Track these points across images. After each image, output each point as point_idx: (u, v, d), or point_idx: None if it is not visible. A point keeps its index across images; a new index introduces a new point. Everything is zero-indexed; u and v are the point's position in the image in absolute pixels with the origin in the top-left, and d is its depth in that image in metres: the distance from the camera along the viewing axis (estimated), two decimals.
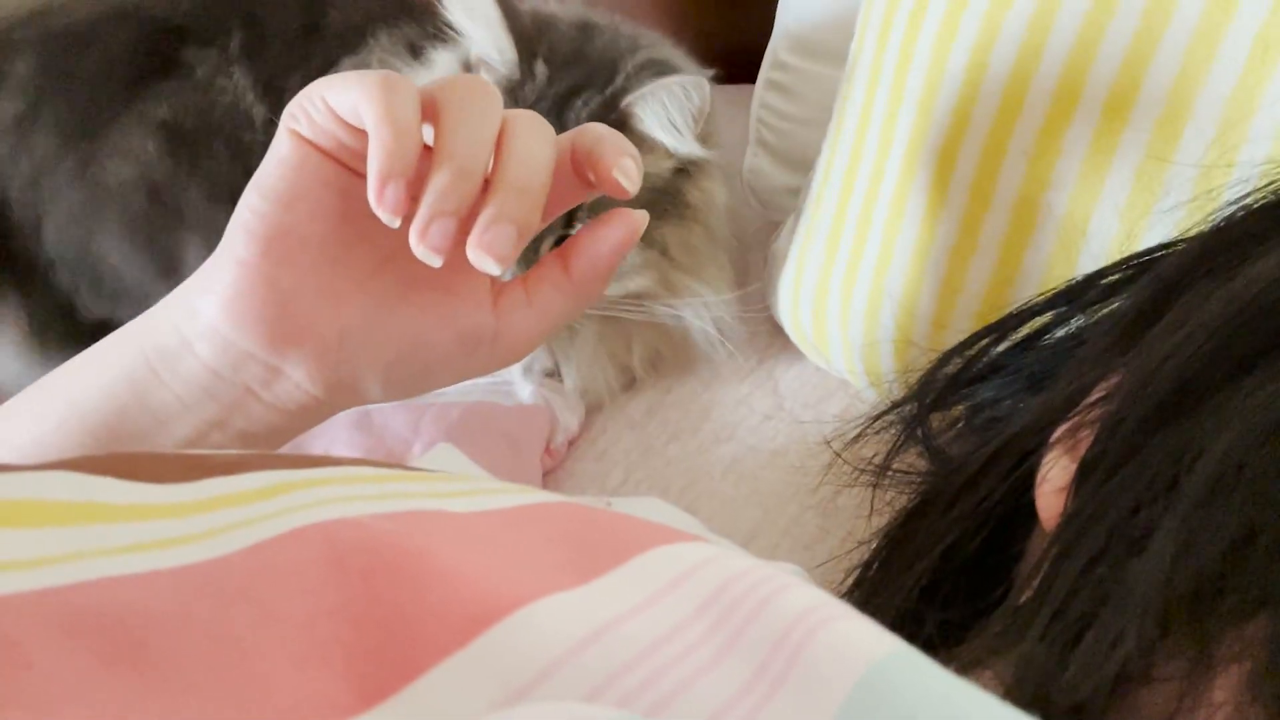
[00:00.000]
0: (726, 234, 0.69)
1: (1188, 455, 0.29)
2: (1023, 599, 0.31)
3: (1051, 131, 0.52)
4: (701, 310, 0.68)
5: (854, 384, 0.68)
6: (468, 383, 0.71)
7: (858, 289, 0.62)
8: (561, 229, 0.60)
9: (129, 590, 0.21)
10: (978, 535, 0.37)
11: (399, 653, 0.22)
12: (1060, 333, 0.46)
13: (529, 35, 0.62)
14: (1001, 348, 0.49)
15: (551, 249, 0.54)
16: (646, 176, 0.56)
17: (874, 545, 0.45)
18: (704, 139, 0.64)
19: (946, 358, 0.50)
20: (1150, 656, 0.27)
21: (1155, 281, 0.39)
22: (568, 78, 0.62)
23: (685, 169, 0.65)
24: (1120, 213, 0.50)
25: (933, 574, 0.37)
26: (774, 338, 0.77)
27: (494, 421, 0.65)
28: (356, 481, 0.28)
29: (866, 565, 0.45)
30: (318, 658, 0.21)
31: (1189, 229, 0.43)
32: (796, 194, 0.74)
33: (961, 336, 0.51)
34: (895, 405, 0.52)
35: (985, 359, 0.49)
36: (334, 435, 0.63)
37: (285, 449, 0.46)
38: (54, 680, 0.18)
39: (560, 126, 0.54)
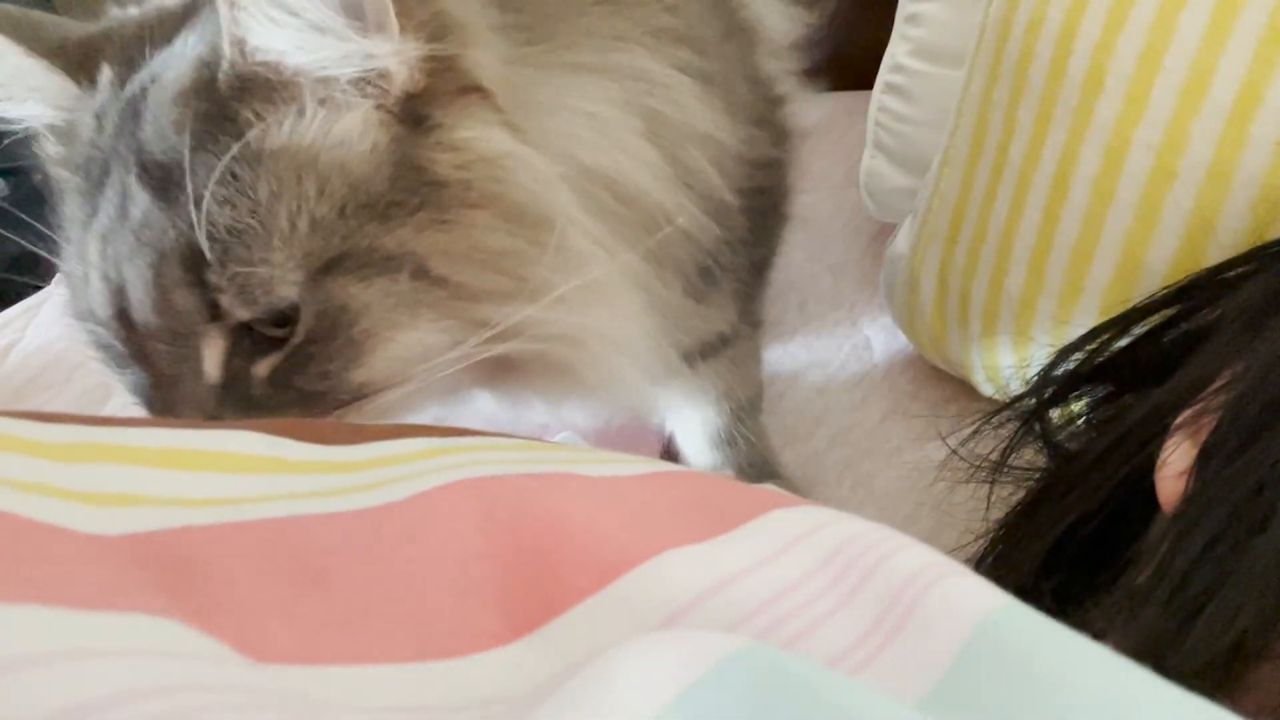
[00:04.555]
0: (567, 208, 0.40)
1: None
2: (1141, 578, 0.31)
3: (1178, 125, 0.51)
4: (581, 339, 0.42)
5: (971, 382, 0.68)
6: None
7: (976, 287, 0.62)
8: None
9: (312, 528, 0.24)
10: (1096, 519, 0.37)
11: (542, 593, 0.24)
12: (1184, 327, 0.46)
13: (79, 51, 0.42)
14: (1123, 343, 0.49)
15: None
16: (333, 160, 0.36)
17: (991, 536, 0.46)
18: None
19: (1066, 353, 0.50)
20: (1269, 633, 0.27)
21: None
22: (138, 63, 0.41)
23: (409, 116, 0.38)
24: (1253, 205, 0.49)
25: (1049, 555, 0.37)
26: (891, 339, 0.77)
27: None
28: (502, 449, 0.31)
29: (982, 558, 0.46)
30: (473, 593, 0.24)
31: None
32: (913, 196, 0.74)
33: (1082, 332, 0.50)
34: (1013, 401, 0.52)
35: (1106, 354, 0.49)
36: None
37: None
38: (255, 595, 0.21)
39: (137, 124, 0.38)
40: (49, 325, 0.91)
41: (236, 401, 0.38)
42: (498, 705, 0.21)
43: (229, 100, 0.37)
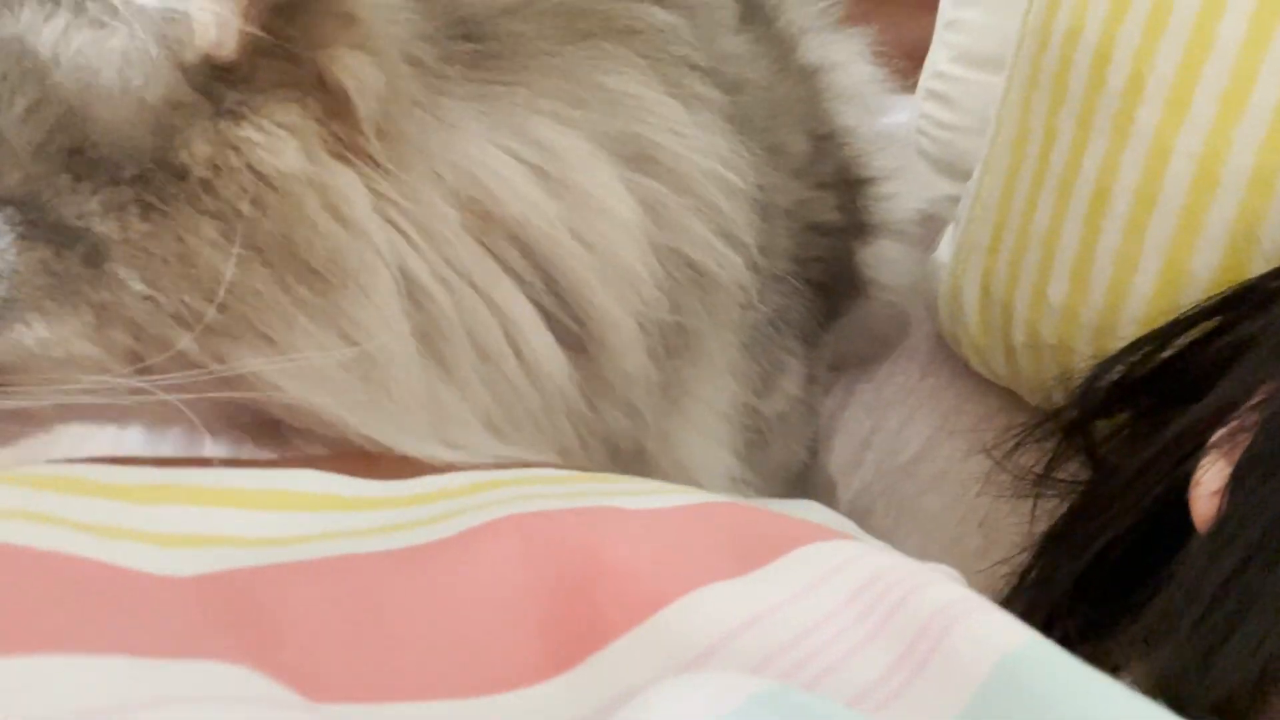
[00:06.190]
0: (385, 268, 0.30)
1: None
2: (1172, 601, 0.32)
3: (1220, 132, 0.51)
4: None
5: (1017, 392, 0.68)
6: None
7: (1018, 297, 0.62)
8: None
9: (366, 566, 0.26)
10: (1132, 537, 0.37)
11: (583, 628, 0.26)
12: (1227, 339, 0.45)
13: None
14: (1167, 354, 0.48)
15: None
16: (69, 85, 0.26)
17: (1034, 552, 0.46)
18: None
19: (1109, 364, 0.50)
20: None
21: None
22: None
23: (204, 85, 0.28)
24: None
25: (1085, 573, 0.38)
26: (935, 350, 0.77)
27: None
28: (546, 482, 0.32)
29: (1026, 571, 0.46)
30: (517, 628, 0.25)
31: None
32: (956, 202, 0.74)
33: (1125, 343, 0.50)
34: (1056, 413, 0.52)
35: (1150, 365, 0.49)
36: None
37: None
38: (314, 634, 0.23)
39: None
40: None
41: None
42: None
43: None
